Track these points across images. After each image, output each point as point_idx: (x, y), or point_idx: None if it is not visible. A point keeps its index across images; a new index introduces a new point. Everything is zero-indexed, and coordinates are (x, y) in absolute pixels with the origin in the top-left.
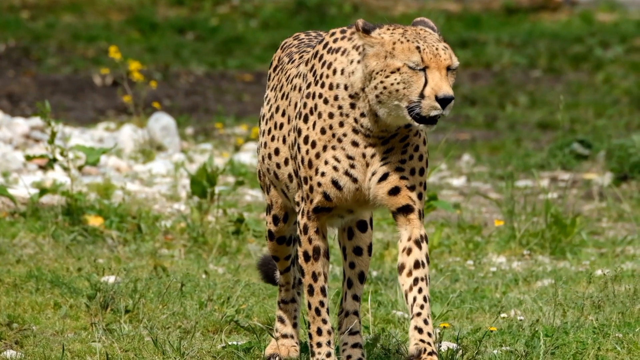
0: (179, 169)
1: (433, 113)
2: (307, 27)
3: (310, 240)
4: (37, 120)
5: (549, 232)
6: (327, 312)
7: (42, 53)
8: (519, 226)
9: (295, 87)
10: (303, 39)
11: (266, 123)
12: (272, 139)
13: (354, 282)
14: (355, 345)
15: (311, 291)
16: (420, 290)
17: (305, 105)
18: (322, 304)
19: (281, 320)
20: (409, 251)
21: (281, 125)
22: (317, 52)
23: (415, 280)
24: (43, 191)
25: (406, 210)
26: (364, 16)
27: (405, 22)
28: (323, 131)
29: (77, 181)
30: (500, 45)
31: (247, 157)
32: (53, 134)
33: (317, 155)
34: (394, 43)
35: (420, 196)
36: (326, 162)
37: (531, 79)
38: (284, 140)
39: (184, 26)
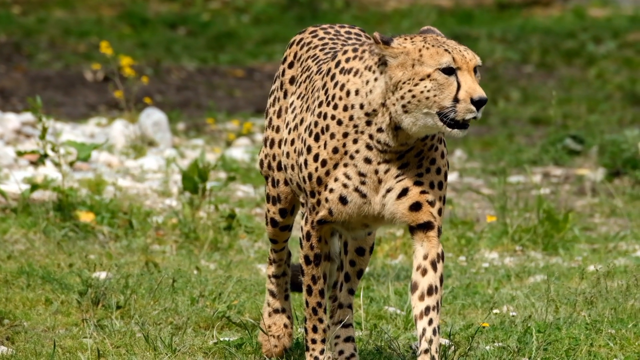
0: (170, 164)
1: (468, 116)
2: (298, 23)
3: (312, 247)
4: (28, 116)
5: (541, 227)
6: (325, 312)
7: (33, 48)
8: (512, 222)
9: (314, 100)
10: (324, 38)
11: (289, 132)
12: (295, 150)
13: (352, 277)
14: (347, 339)
15: (310, 291)
16: (430, 322)
17: (316, 124)
18: (319, 304)
19: (272, 295)
20: (424, 272)
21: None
22: (329, 71)
23: (427, 310)
24: (34, 187)
25: (426, 227)
26: (355, 12)
27: (396, 17)
28: (335, 151)
29: (69, 177)
30: (493, 40)
31: (239, 152)
32: (44, 130)
33: (327, 173)
34: (420, 50)
35: (440, 212)
36: (336, 179)
37: (524, 74)
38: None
39: (175, 21)
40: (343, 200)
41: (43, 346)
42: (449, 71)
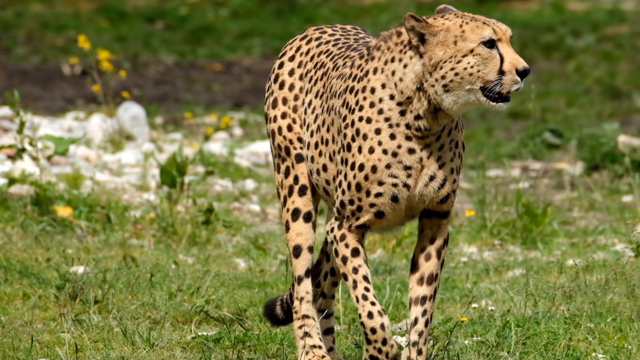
0: (148, 158)
1: (514, 87)
2: (277, 17)
3: (347, 245)
4: (5, 110)
5: (520, 221)
6: (374, 296)
7: (11, 42)
8: (490, 216)
9: (333, 108)
10: (335, 34)
11: (311, 135)
12: (320, 154)
13: (337, 272)
14: (327, 331)
15: (355, 285)
16: (424, 313)
17: (345, 136)
18: (366, 289)
19: (308, 335)
20: (427, 257)
21: (327, 141)
22: (346, 88)
23: (424, 299)
24: (12, 181)
25: (444, 215)
26: (334, 5)
27: (375, 11)
28: (371, 150)
29: (46, 171)
30: None
31: (217, 146)
32: (22, 124)
33: (366, 178)
34: (461, 25)
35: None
36: (380, 183)
37: None
38: (330, 158)
39: (153, 15)
40: (395, 199)
41: (21, 341)
42: (491, 44)
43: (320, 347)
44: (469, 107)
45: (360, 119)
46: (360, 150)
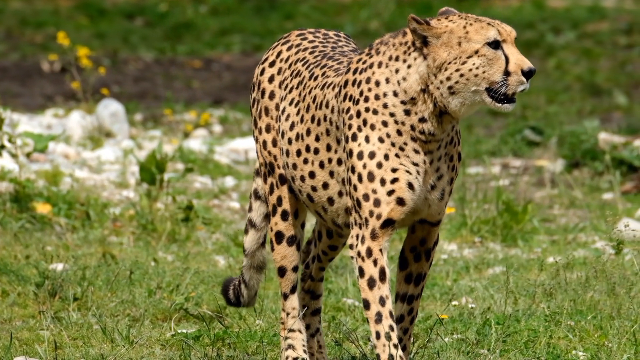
0: (127, 155)
1: (520, 88)
2: (256, 13)
3: (375, 262)
4: None
5: (500, 219)
6: (397, 337)
7: None
8: (470, 213)
9: (324, 117)
10: (314, 42)
11: (290, 142)
12: (305, 161)
13: (324, 261)
14: (315, 312)
15: (379, 319)
16: (410, 312)
17: (350, 126)
18: (392, 328)
19: (292, 347)
20: (417, 257)
21: (316, 150)
22: (346, 82)
23: (410, 298)
24: None
25: (435, 224)
26: (314, 2)
27: (355, 8)
28: (381, 140)
29: (25, 168)
30: None
31: (197, 143)
32: (1, 121)
33: (379, 165)
34: (464, 27)
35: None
36: (394, 170)
37: None
38: (321, 166)
39: (132, 12)
40: (410, 186)
41: (0, 338)
42: (496, 45)
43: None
44: (474, 108)
45: (367, 109)
46: (367, 139)
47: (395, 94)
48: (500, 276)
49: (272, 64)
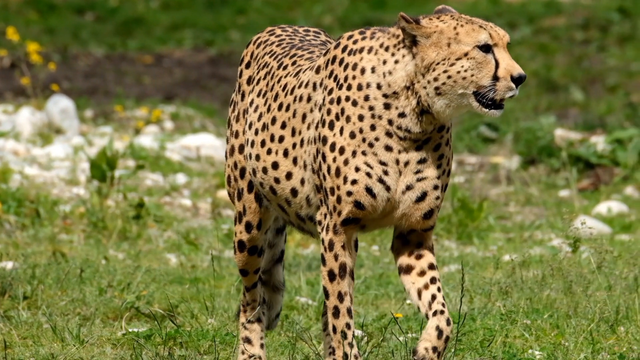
0: (78, 152)
1: (509, 94)
2: (208, 8)
3: (336, 257)
4: None
5: (455, 216)
6: (354, 335)
7: None
8: None
9: (300, 97)
10: (281, 35)
11: (256, 133)
12: (269, 152)
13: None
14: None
15: (336, 313)
16: (439, 289)
17: (329, 111)
18: (348, 326)
19: (248, 341)
20: (419, 256)
21: (281, 138)
22: (334, 57)
23: (433, 280)
24: None
25: (427, 229)
26: None
27: (308, 3)
28: (352, 135)
29: None
30: None
31: (148, 140)
32: None
33: (346, 162)
34: (455, 28)
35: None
36: (357, 169)
37: None
38: (285, 154)
39: (83, 7)
40: (369, 191)
41: None
42: (487, 48)
43: (259, 357)
44: (460, 111)
45: (347, 98)
46: (342, 131)
47: (379, 87)
48: (455, 274)
49: (248, 65)
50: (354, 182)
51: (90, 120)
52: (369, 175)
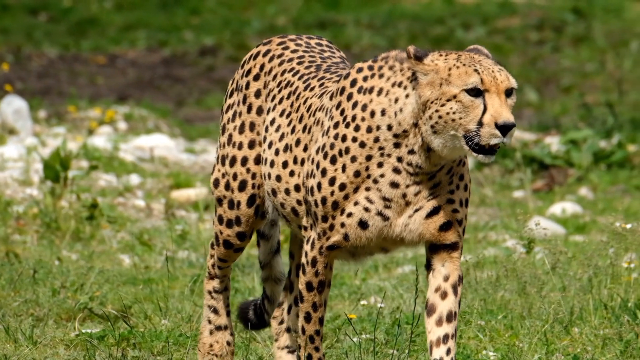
0: (31, 153)
1: (493, 141)
2: (161, 8)
3: (317, 274)
4: None
5: None
6: (321, 339)
7: None
8: None
9: (317, 121)
10: (298, 50)
11: (276, 153)
12: (291, 174)
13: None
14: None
15: (308, 319)
16: (448, 352)
17: (332, 146)
18: (317, 332)
19: (214, 311)
20: (444, 295)
21: (302, 161)
22: (343, 89)
23: (445, 338)
24: None
25: (452, 247)
26: None
27: (262, 3)
28: (357, 174)
29: None
30: (360, 26)
31: (101, 140)
32: None
33: (346, 197)
34: (450, 69)
35: (464, 231)
36: (356, 203)
37: None
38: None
39: (36, 7)
40: (363, 224)
41: None
42: (476, 93)
43: (226, 327)
44: (457, 152)
45: (355, 139)
46: (344, 169)
47: (389, 128)
48: (409, 275)
49: (256, 78)
50: (349, 215)
51: (43, 120)
52: (366, 209)
